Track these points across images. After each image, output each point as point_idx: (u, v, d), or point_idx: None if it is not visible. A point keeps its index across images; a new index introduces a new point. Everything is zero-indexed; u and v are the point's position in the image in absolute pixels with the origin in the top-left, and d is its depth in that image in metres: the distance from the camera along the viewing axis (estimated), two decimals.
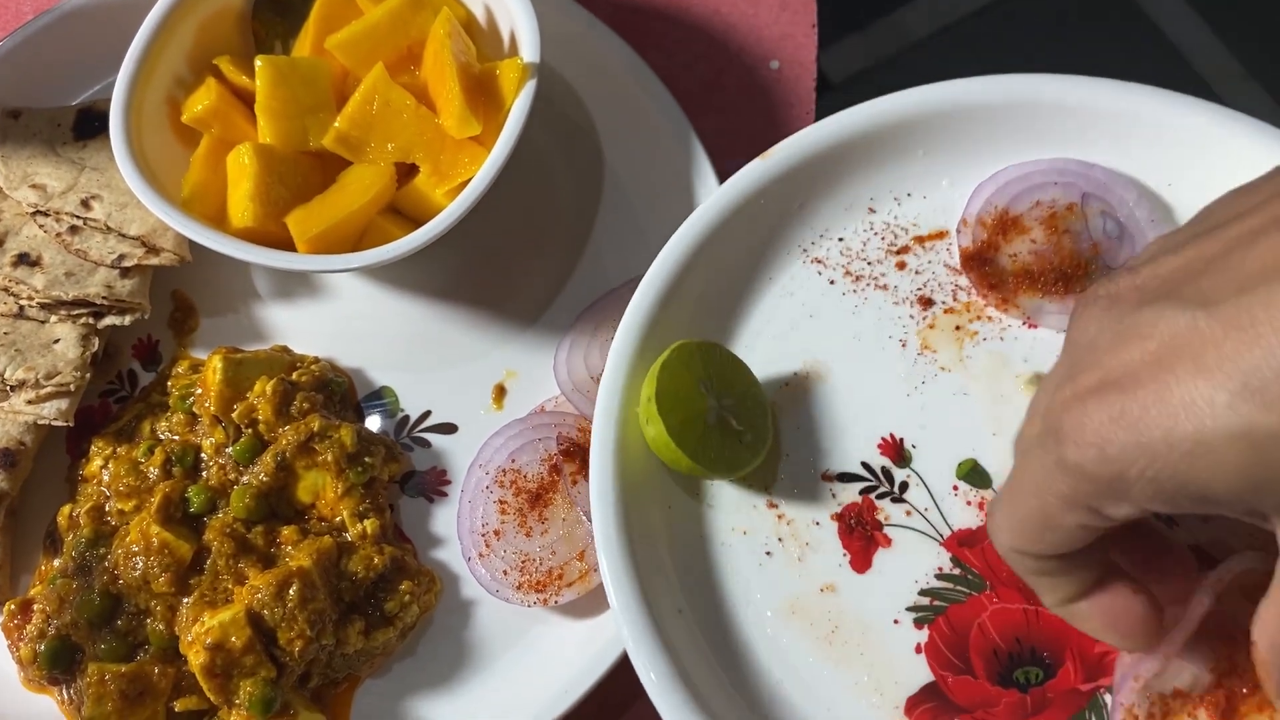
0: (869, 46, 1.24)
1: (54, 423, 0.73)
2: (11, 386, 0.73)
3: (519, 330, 0.79)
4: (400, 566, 0.72)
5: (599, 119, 0.84)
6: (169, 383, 0.78)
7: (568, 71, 0.84)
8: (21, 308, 0.76)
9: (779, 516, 0.66)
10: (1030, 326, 0.68)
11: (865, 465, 0.66)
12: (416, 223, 0.75)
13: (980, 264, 0.69)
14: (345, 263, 0.71)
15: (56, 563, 0.74)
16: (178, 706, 0.69)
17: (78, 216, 0.77)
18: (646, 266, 0.70)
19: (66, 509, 0.74)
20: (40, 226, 0.78)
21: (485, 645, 0.73)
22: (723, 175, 0.78)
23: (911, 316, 0.69)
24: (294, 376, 0.75)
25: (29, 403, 0.73)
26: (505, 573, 0.71)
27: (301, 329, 0.80)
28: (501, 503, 0.73)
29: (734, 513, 0.66)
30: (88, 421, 0.78)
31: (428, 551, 0.75)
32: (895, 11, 2.13)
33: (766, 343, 0.70)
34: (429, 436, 0.77)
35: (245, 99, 0.77)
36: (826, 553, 0.64)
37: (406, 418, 0.78)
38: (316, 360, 0.77)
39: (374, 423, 0.78)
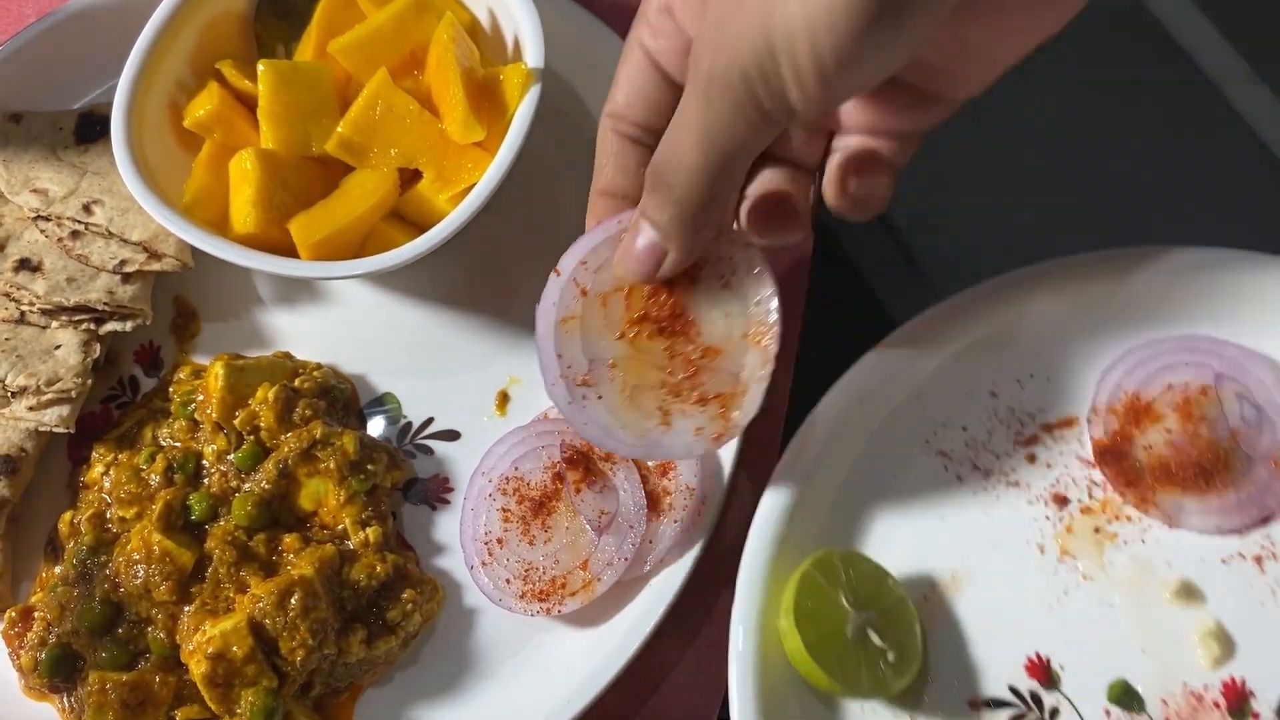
0: None
1: (55, 429, 0.73)
2: (12, 393, 0.73)
3: (522, 336, 0.79)
4: (403, 574, 0.71)
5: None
6: (170, 389, 0.77)
7: (570, 75, 0.84)
8: (23, 314, 0.76)
9: None
10: (1171, 527, 0.65)
11: (1013, 689, 0.64)
12: (420, 228, 0.75)
13: (1116, 458, 0.66)
14: (348, 269, 0.70)
15: (58, 570, 0.73)
16: (179, 716, 0.68)
17: (79, 222, 0.76)
18: None
19: (68, 516, 0.74)
20: (42, 232, 0.77)
21: (488, 654, 0.72)
22: None
23: (1048, 518, 0.67)
24: (296, 383, 0.75)
25: (30, 409, 0.73)
26: (508, 581, 0.71)
27: (304, 335, 0.79)
28: (504, 510, 0.73)
29: None
30: (89, 428, 0.77)
31: (430, 559, 0.75)
32: None
33: (899, 549, 0.67)
34: (432, 443, 0.77)
35: (248, 103, 0.77)
36: None
37: (409, 424, 0.78)
38: (319, 366, 0.77)
39: (376, 429, 0.77)
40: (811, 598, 0.62)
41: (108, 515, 0.73)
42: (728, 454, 0.72)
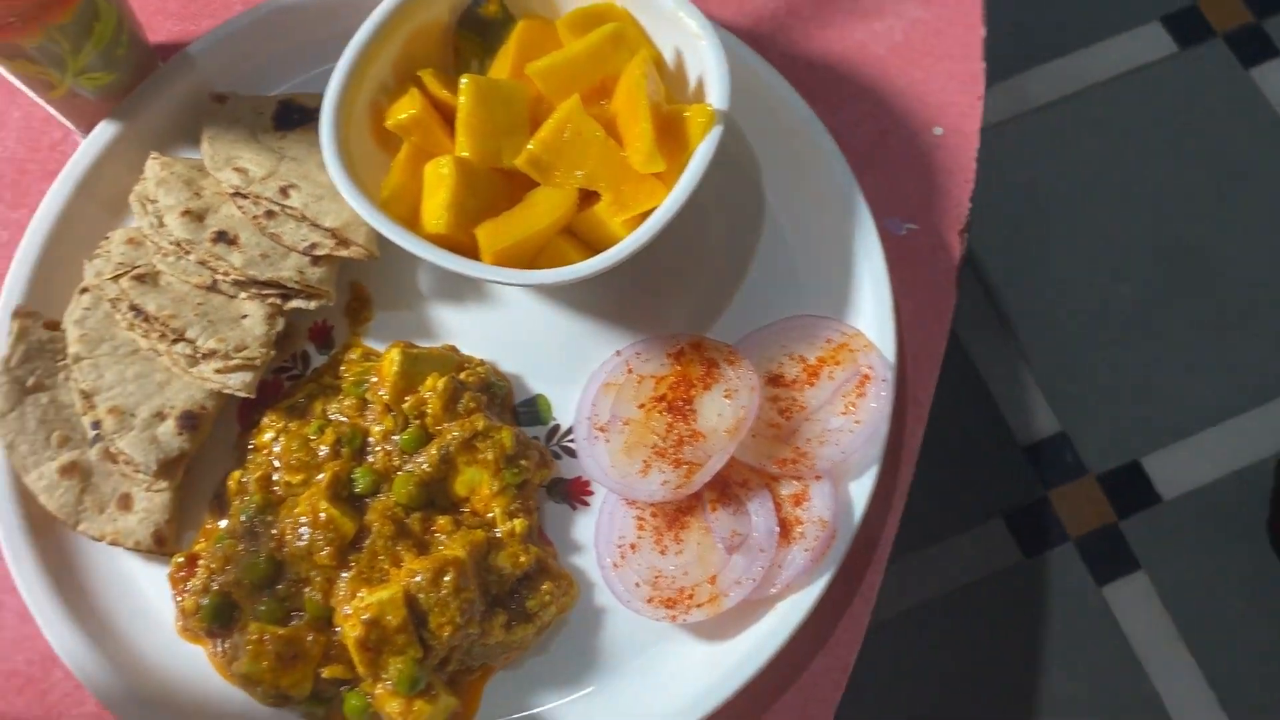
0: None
1: (237, 393, 0.78)
2: (203, 355, 0.78)
3: None
4: (543, 567, 0.76)
5: (765, 162, 0.88)
6: (341, 368, 0.83)
7: (739, 114, 0.88)
8: (215, 282, 0.81)
9: None
10: None
11: None
12: (590, 246, 0.80)
13: None
14: (527, 278, 0.75)
15: (222, 524, 0.79)
16: (325, 673, 0.74)
17: (276, 203, 0.82)
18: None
19: (236, 475, 0.79)
20: (239, 208, 0.83)
21: (613, 652, 0.76)
22: (881, 231, 0.82)
23: None
24: (462, 376, 0.80)
25: (217, 371, 0.78)
26: (637, 585, 0.75)
27: (467, 331, 0.84)
28: (639, 519, 0.77)
29: None
30: (261, 395, 0.82)
31: (567, 556, 0.79)
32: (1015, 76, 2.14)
33: None
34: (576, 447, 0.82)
35: (443, 111, 0.82)
36: None
37: (557, 427, 0.82)
38: (482, 363, 0.82)
39: (527, 428, 0.82)
40: None
41: (274, 479, 0.78)
42: (862, 491, 0.76)
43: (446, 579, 0.71)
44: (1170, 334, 1.85)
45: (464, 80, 0.79)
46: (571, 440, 0.82)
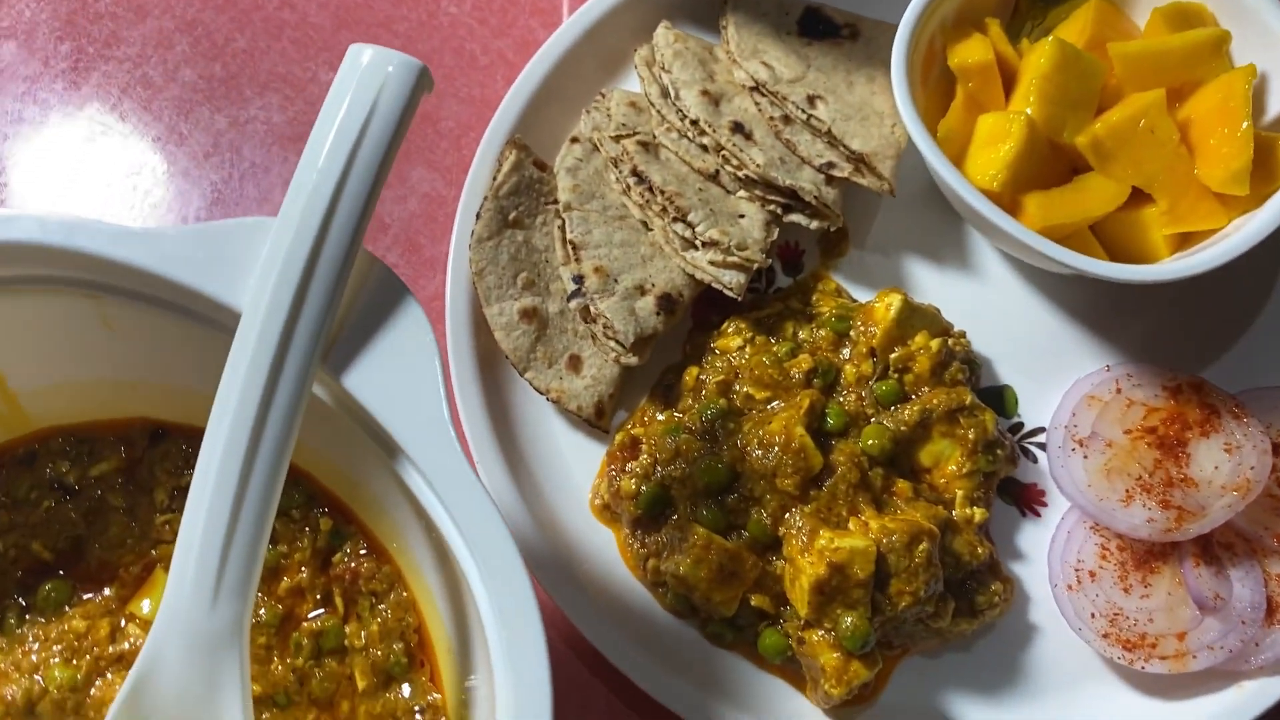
0: None
1: (727, 292, 0.74)
2: (702, 242, 0.75)
3: None
4: (993, 565, 0.71)
5: None
6: (814, 297, 0.78)
7: None
8: (717, 172, 0.78)
9: None
10: None
11: None
12: (1111, 246, 0.75)
13: None
14: (1078, 263, 0.70)
15: (660, 416, 0.75)
16: (753, 600, 0.70)
17: (801, 110, 0.78)
18: None
19: (694, 371, 0.76)
20: (756, 105, 0.79)
21: (1035, 674, 0.72)
22: None
23: None
24: (950, 343, 0.75)
25: (711, 263, 0.75)
26: (1092, 616, 0.70)
27: (945, 299, 0.79)
28: (1103, 547, 0.72)
29: None
30: (717, 297, 0.78)
31: (1005, 560, 0.74)
32: None
33: None
34: (1037, 451, 0.76)
35: (1000, 63, 0.77)
36: None
37: (1020, 425, 0.77)
38: (964, 334, 0.77)
39: None
40: None
41: (734, 386, 0.74)
42: None
43: (921, 548, 0.67)
44: None
45: (1050, 40, 0.74)
46: (1038, 442, 0.76)
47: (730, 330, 0.76)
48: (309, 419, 0.55)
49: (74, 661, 0.63)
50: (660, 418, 0.75)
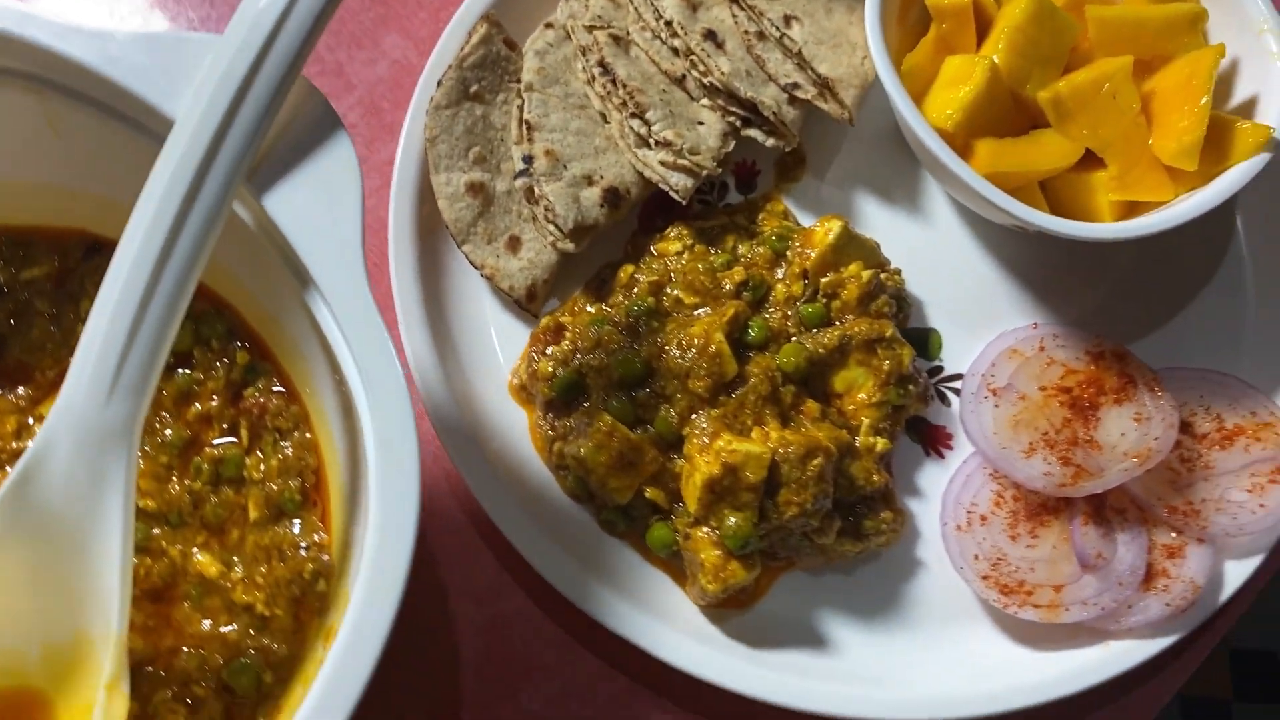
0: None
1: (673, 194, 0.75)
2: (655, 141, 0.75)
3: None
4: (887, 495, 0.73)
5: (1249, 200, 0.81)
6: (759, 216, 0.79)
7: None
8: (684, 76, 0.78)
9: None
10: None
11: None
12: (1057, 206, 0.75)
13: None
14: (1018, 211, 0.71)
15: (590, 308, 0.76)
16: (647, 492, 0.71)
17: (776, 27, 0.78)
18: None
19: (629, 269, 0.76)
20: (733, 16, 0.79)
21: (913, 606, 0.73)
22: None
23: None
24: (883, 277, 0.76)
25: (661, 162, 0.75)
26: (976, 557, 0.72)
27: (887, 236, 0.79)
28: (998, 494, 0.73)
29: None
30: (666, 202, 0.79)
31: (902, 495, 0.75)
32: None
33: None
34: (952, 396, 0.78)
35: (976, 9, 0.77)
36: None
37: (940, 369, 0.78)
38: (899, 272, 0.78)
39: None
40: None
41: (666, 289, 0.75)
42: (1238, 574, 0.71)
43: (815, 462, 0.68)
44: None
45: None
46: (953, 387, 0.78)
47: (672, 235, 0.77)
48: (231, 241, 0.56)
49: None
50: (590, 310, 0.76)
